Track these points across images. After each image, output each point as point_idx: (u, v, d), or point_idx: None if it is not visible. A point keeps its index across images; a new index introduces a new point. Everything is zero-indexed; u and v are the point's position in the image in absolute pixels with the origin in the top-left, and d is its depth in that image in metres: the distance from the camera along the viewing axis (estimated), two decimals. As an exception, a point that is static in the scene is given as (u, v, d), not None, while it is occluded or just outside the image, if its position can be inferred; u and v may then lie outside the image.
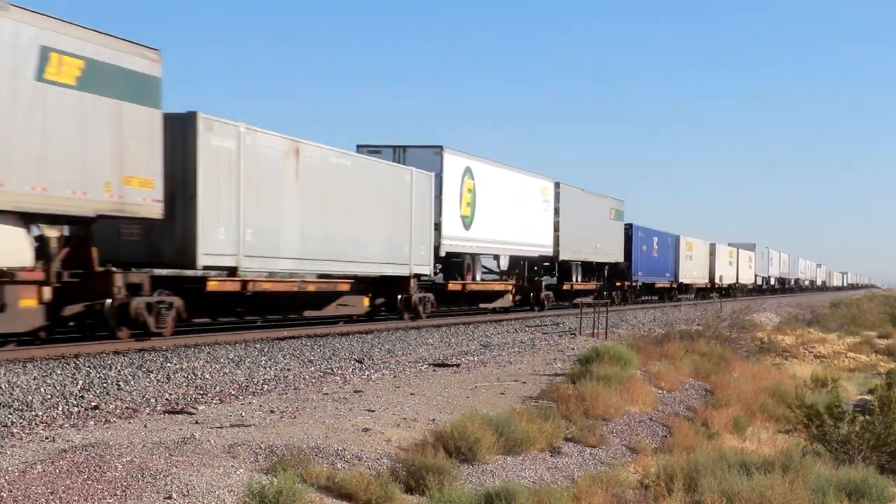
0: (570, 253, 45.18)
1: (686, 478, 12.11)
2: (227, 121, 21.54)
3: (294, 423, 12.25)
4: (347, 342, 22.44)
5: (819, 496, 11.89)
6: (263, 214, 22.70)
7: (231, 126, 21.58)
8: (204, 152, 20.58)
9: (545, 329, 31.87)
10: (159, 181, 19.25)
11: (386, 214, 28.51)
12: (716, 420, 18.78)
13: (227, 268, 21.59)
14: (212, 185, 20.82)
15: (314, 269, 25.08)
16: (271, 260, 23.23)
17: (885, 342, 42.96)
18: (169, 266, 20.27)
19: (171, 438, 10.63)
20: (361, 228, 27.07)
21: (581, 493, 11.31)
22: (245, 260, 22.02)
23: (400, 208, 29.36)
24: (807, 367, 31.40)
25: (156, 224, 19.70)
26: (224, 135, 21.34)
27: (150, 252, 20.41)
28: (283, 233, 23.59)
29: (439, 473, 10.74)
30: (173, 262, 20.42)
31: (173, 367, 16.21)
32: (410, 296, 30.07)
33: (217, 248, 21.04)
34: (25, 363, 15.64)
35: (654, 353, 24.42)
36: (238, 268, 21.88)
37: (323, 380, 16.64)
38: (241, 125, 21.87)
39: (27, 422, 11.48)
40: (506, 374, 19.19)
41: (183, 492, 9.01)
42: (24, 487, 8.55)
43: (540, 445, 13.83)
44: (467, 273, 35.48)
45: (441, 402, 15.09)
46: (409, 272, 29.87)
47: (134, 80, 18.62)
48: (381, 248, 28.21)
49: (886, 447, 16.30)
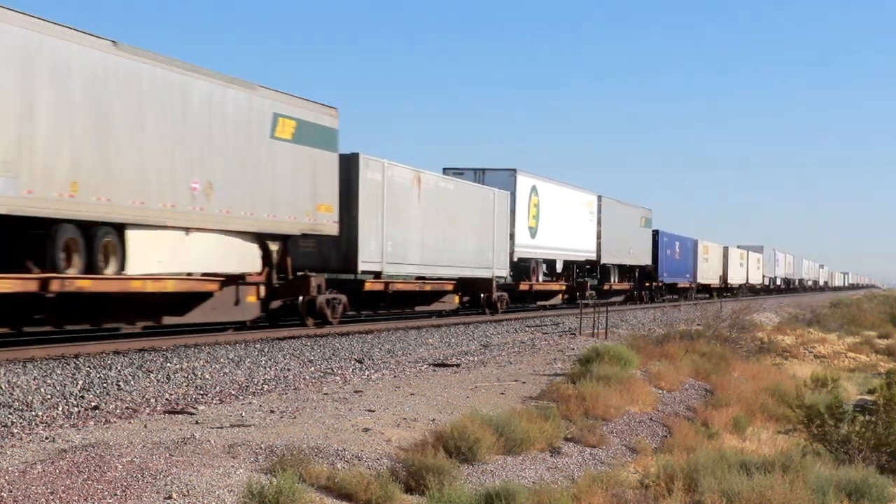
0: (610, 257, 52.06)
1: (686, 478, 12.10)
2: (376, 158, 28.13)
3: (294, 423, 12.25)
4: (347, 342, 22.45)
5: (819, 496, 11.88)
6: (397, 229, 29.33)
7: (378, 162, 28.23)
8: (363, 184, 27.14)
9: (545, 329, 31.88)
10: (336, 206, 25.56)
11: (475, 227, 35.20)
12: (716, 420, 18.77)
13: (374, 272, 28.21)
14: (367, 208, 27.36)
15: (428, 273, 31.84)
16: (402, 266, 29.83)
17: (885, 342, 42.97)
18: (334, 271, 26.80)
19: (171, 438, 10.63)
20: (459, 239, 33.77)
21: (581, 493, 11.31)
22: (387, 266, 28.73)
23: (485, 221, 36.15)
24: (807, 367, 31.39)
25: (326, 239, 25.89)
26: (374, 169, 27.96)
27: (321, 260, 26.56)
28: (409, 244, 30.23)
29: (439, 473, 10.74)
30: (339, 268, 26.97)
31: (173, 367, 16.22)
32: (491, 294, 36.36)
33: (369, 257, 27.67)
34: (25, 363, 15.64)
35: (654, 353, 24.42)
36: (382, 272, 28.58)
37: (323, 380, 16.65)
38: (385, 161, 28.64)
39: (27, 422, 11.48)
40: (506, 374, 19.20)
41: (183, 492, 9.01)
42: (24, 487, 8.55)
43: (540, 445, 13.83)
44: (532, 275, 42.05)
45: (441, 402, 15.09)
46: (491, 275, 36.52)
47: (323, 132, 25.05)
48: (472, 254, 34.87)
49: (886, 447, 16.30)
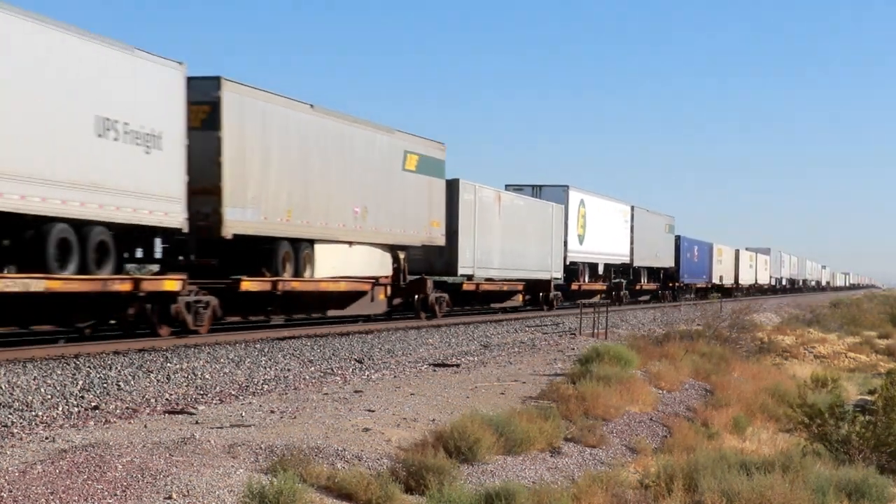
0: (640, 260, 59.07)
1: (686, 478, 12.10)
2: (469, 181, 35.40)
3: (294, 423, 12.25)
4: (347, 342, 22.45)
5: (819, 496, 11.88)
6: (484, 240, 36.35)
7: (471, 185, 35.51)
8: (461, 203, 34.34)
9: (545, 329, 31.86)
10: (443, 222, 32.74)
11: (538, 236, 42.10)
12: (716, 420, 18.76)
13: (468, 275, 35.09)
14: (464, 223, 34.48)
15: (505, 276, 38.66)
16: (487, 270, 36.78)
17: (885, 342, 42.91)
18: (437, 274, 33.21)
19: (171, 438, 10.63)
20: (527, 246, 40.63)
21: (581, 493, 11.31)
22: (477, 270, 35.78)
23: (545, 231, 43.01)
24: (807, 368, 31.35)
25: (432, 248, 32.54)
26: (468, 191, 35.16)
27: (427, 266, 33.01)
28: (492, 252, 37.10)
29: (439, 473, 10.73)
30: (442, 272, 33.60)
31: (173, 368, 16.21)
32: (549, 293, 43.15)
33: (465, 262, 34.72)
34: (25, 363, 15.63)
35: (654, 353, 24.41)
36: (473, 275, 35.57)
37: (323, 380, 16.65)
38: (476, 184, 35.93)
39: (27, 422, 11.48)
40: (506, 374, 19.20)
41: (183, 492, 9.01)
42: (24, 487, 8.55)
43: (540, 445, 13.83)
44: (580, 277, 49.86)
45: (441, 402, 15.09)
46: (549, 276, 43.28)
47: (435, 163, 32.43)
48: (535, 259, 41.58)
49: (886, 447, 16.28)
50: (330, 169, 25.86)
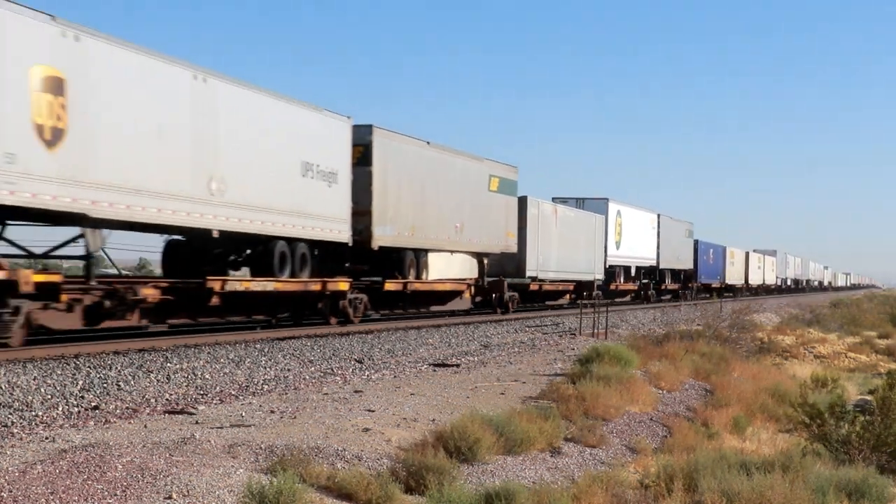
0: (665, 263, 65.17)
1: (686, 478, 12.10)
2: (535, 198, 41.60)
3: (294, 423, 12.26)
4: (347, 342, 22.45)
5: (819, 496, 11.87)
6: (545, 246, 42.68)
7: (536, 200, 41.80)
8: (529, 216, 40.35)
9: (545, 329, 31.87)
10: (515, 233, 38.20)
11: (585, 243, 48.78)
12: (716, 420, 18.77)
13: (533, 277, 41.55)
14: (531, 233, 40.56)
15: (560, 277, 45.16)
16: (546, 272, 43.15)
17: (885, 342, 42.91)
18: (508, 276, 38.85)
19: (171, 438, 10.63)
20: (576, 251, 47.09)
21: (581, 493, 11.31)
22: (539, 273, 42.21)
23: (589, 238, 49.51)
24: (807, 368, 31.35)
25: (505, 254, 37.63)
26: (533, 205, 41.22)
27: (500, 269, 38.56)
28: (550, 257, 43.37)
29: (439, 473, 10.74)
30: (512, 274, 39.56)
31: (173, 367, 16.21)
32: (592, 293, 47.57)
33: (531, 266, 41.09)
34: (25, 363, 15.62)
35: (654, 353, 24.41)
36: (537, 277, 42.03)
37: (323, 380, 16.65)
38: (539, 200, 42.58)
39: (27, 422, 11.48)
40: (506, 374, 19.20)
41: (183, 492, 9.02)
42: (24, 487, 8.55)
43: (540, 445, 13.83)
44: (617, 278, 56.07)
45: (441, 402, 15.09)
46: (593, 278, 49.82)
47: (511, 183, 37.85)
48: (583, 263, 48.20)
49: (886, 447, 16.28)
50: (439, 192, 31.67)
